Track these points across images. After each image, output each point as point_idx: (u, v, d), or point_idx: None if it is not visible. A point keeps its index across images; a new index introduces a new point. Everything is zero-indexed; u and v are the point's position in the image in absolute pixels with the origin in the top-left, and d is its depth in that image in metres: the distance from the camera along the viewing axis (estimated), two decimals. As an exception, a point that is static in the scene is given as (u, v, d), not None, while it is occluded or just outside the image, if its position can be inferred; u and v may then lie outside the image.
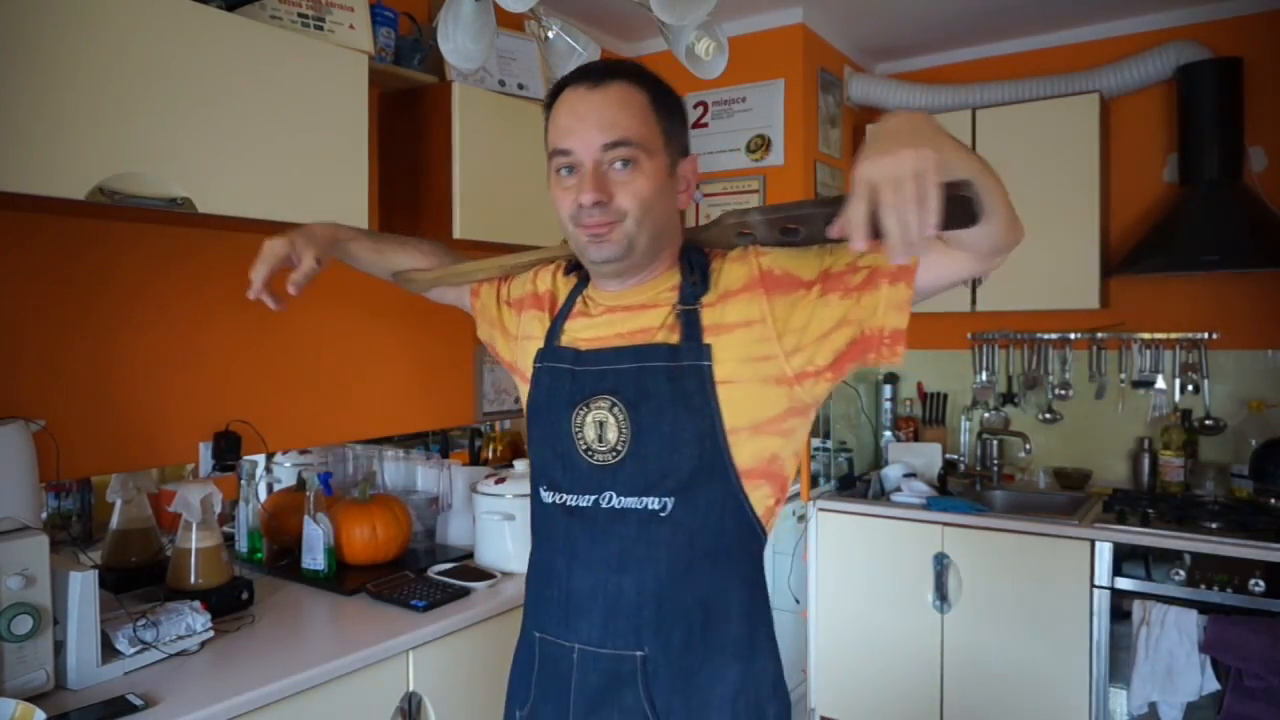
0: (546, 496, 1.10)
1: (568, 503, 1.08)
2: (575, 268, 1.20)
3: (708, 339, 1.04)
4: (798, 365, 1.03)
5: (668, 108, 1.07)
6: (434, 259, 1.36)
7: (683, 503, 1.02)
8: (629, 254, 1.05)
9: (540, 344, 1.15)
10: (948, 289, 1.02)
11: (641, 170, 1.03)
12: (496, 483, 1.95)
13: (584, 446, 1.06)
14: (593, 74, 1.05)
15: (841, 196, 0.91)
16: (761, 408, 1.04)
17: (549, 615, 1.10)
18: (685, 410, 1.02)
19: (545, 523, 1.12)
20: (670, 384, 1.03)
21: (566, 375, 1.09)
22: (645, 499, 1.02)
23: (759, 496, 1.06)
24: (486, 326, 1.31)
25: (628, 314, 1.10)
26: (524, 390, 1.19)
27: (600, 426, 1.04)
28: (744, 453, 1.04)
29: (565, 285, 1.20)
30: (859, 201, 0.75)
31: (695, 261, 1.10)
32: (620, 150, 1.01)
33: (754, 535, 1.08)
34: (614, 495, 1.04)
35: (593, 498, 1.05)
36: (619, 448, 1.03)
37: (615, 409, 1.04)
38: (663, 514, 1.02)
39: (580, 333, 1.12)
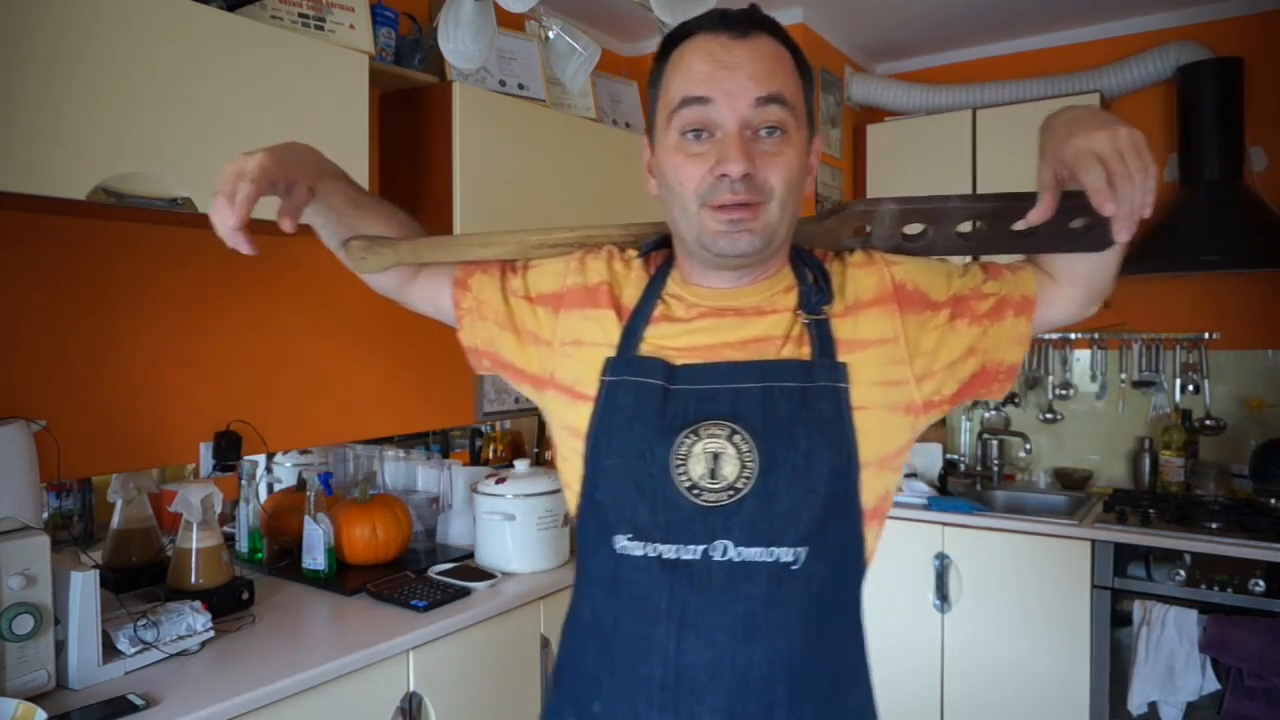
0: (631, 547, 0.88)
1: (665, 555, 0.86)
2: (647, 254, 1.01)
3: (842, 356, 0.89)
4: (927, 393, 0.92)
5: (809, 76, 0.92)
6: (408, 233, 1.07)
7: (815, 553, 0.86)
8: (767, 247, 0.89)
9: (610, 351, 0.93)
10: (1049, 331, 0.97)
11: (790, 142, 0.87)
12: (497, 483, 1.95)
13: (688, 483, 0.86)
14: (733, 22, 0.88)
15: (988, 194, 0.90)
16: (890, 439, 0.91)
17: (645, 698, 0.88)
18: (822, 440, 0.87)
19: (628, 581, 0.88)
20: (804, 408, 0.87)
21: (657, 393, 0.89)
22: (775, 549, 0.85)
23: (871, 541, 0.92)
24: (487, 326, 1.03)
25: (739, 319, 0.92)
26: (570, 410, 0.95)
27: (714, 459, 0.86)
28: (870, 491, 0.90)
29: (630, 277, 0.99)
30: (1093, 168, 0.75)
31: (808, 262, 0.96)
32: (773, 110, 0.85)
33: (862, 584, 0.94)
34: (729, 545, 0.85)
35: (701, 548, 0.85)
36: (738, 485, 0.85)
37: (736, 437, 0.86)
38: (795, 567, 0.85)
39: (669, 340, 0.92)
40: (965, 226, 0.92)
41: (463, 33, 1.56)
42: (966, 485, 3.13)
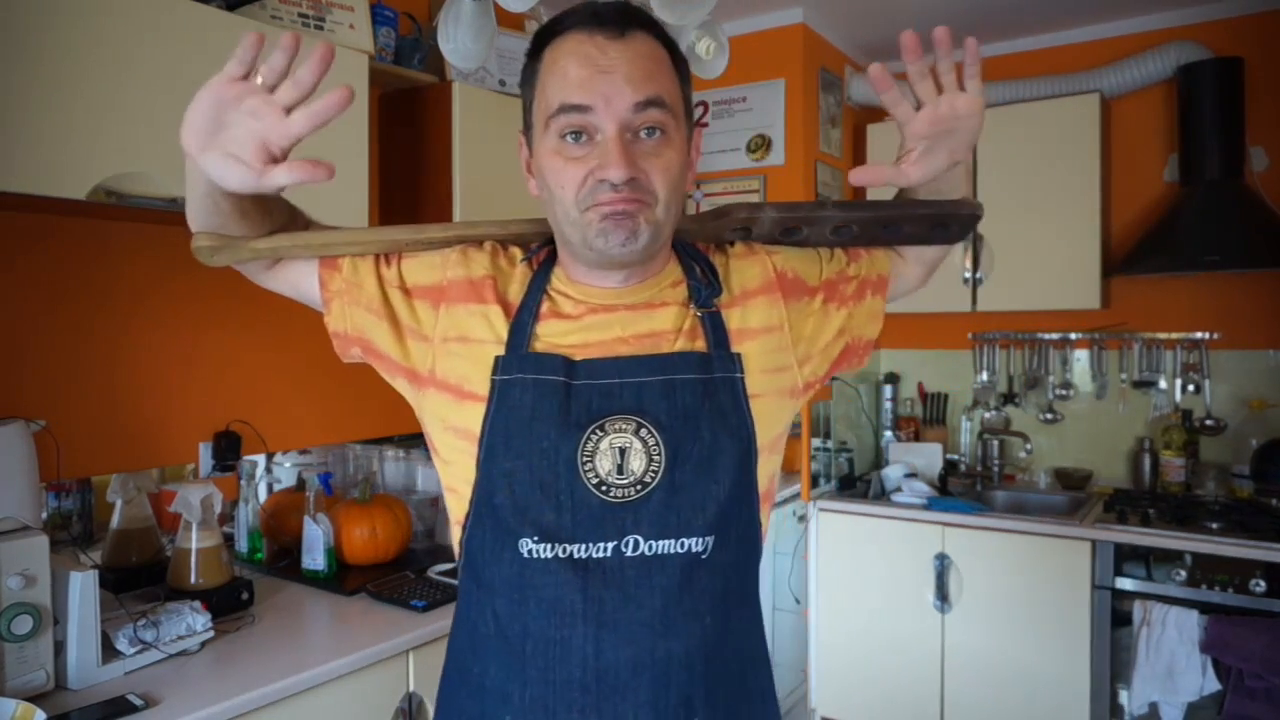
0: (539, 549, 0.86)
1: (576, 554, 0.85)
2: (530, 256, 0.98)
3: (735, 347, 0.92)
4: (806, 376, 0.97)
5: (684, 70, 0.93)
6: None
7: (720, 541, 0.88)
8: (654, 243, 0.87)
9: (498, 349, 0.90)
10: (892, 301, 1.06)
11: (671, 142, 0.86)
12: (497, 483, 1.95)
13: (595, 480, 0.85)
14: (608, 20, 0.86)
15: (857, 202, 0.97)
16: (778, 423, 0.95)
17: (565, 703, 0.85)
18: (724, 430, 0.88)
19: (537, 585, 0.86)
20: (707, 400, 0.88)
21: (559, 390, 0.87)
22: (686, 540, 0.86)
23: (765, 522, 0.95)
24: (358, 312, 0.97)
25: (630, 314, 0.92)
26: (456, 410, 0.92)
27: (621, 454, 0.86)
28: (763, 475, 0.93)
29: (514, 273, 0.96)
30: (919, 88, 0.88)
31: (692, 255, 0.97)
32: (652, 113, 0.84)
33: (759, 566, 0.97)
34: (639, 540, 0.85)
35: (611, 545, 0.85)
36: (647, 479, 0.85)
37: (643, 431, 0.86)
38: (704, 556, 0.86)
39: (561, 338, 0.91)
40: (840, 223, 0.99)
41: (463, 33, 1.55)
42: (967, 485, 3.13)
